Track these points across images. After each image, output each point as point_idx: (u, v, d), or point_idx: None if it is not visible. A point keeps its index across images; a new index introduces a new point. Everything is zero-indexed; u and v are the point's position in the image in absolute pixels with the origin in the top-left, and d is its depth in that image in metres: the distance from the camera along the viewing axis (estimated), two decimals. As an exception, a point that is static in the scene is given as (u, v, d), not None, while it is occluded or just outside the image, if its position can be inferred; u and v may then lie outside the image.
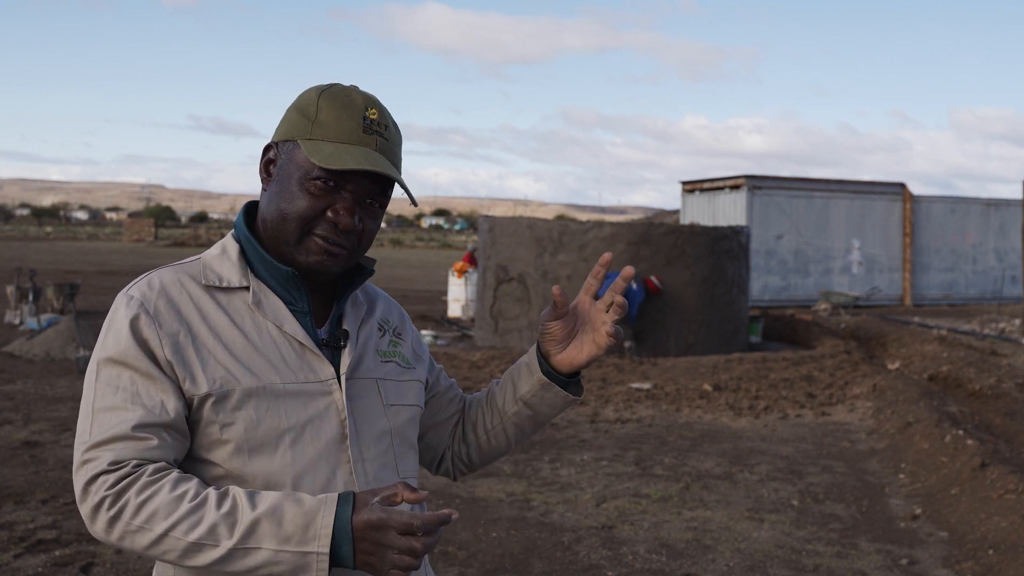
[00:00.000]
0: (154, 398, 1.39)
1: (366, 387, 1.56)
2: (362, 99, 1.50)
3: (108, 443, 1.36)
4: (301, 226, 1.48)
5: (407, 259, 45.63)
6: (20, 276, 15.46)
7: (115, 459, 1.35)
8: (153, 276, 1.49)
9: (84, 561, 4.64)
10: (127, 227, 65.33)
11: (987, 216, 24.34)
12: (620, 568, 4.83)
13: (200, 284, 1.49)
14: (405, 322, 1.74)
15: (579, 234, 12.92)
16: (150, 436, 1.37)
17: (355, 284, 1.60)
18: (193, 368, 1.42)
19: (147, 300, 1.44)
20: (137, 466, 1.35)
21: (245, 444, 1.43)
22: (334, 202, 1.48)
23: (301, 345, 1.50)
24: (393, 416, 1.58)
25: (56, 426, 7.59)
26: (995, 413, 9.00)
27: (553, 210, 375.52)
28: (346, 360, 1.54)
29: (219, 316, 1.48)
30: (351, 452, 1.50)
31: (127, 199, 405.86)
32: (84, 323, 12.23)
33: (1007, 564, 4.72)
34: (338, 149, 1.45)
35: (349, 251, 1.51)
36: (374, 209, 1.52)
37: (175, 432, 1.41)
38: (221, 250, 1.55)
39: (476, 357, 11.32)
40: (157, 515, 1.32)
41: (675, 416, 8.81)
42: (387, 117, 1.52)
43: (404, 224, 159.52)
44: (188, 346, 1.43)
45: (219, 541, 1.31)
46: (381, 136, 1.49)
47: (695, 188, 23.61)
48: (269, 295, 1.52)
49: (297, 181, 1.48)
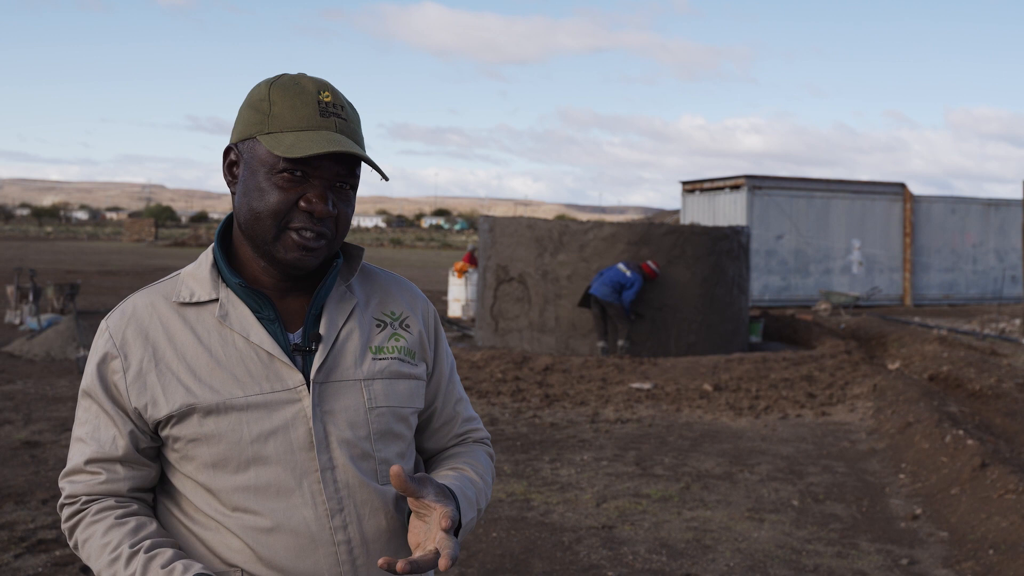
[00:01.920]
0: (108, 433, 1.49)
1: (344, 390, 1.52)
2: (313, 84, 1.48)
3: (69, 475, 1.51)
4: (276, 222, 1.46)
5: (407, 259, 45.63)
6: (20, 276, 15.46)
7: (71, 492, 1.50)
8: (128, 303, 1.54)
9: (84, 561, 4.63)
10: (127, 227, 65.33)
11: (987, 216, 24.33)
12: (620, 568, 4.83)
13: (172, 303, 1.52)
14: (415, 312, 1.65)
15: (579, 234, 12.92)
16: (99, 471, 1.49)
17: (336, 276, 1.56)
18: (155, 392, 1.47)
19: (116, 332, 1.51)
20: (86, 503, 1.49)
21: (209, 460, 1.46)
22: (304, 191, 1.46)
23: (268, 354, 1.49)
24: (377, 419, 1.53)
25: (56, 426, 7.59)
26: (995, 413, 8.99)
27: (553, 210, 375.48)
28: (316, 364, 1.50)
29: (185, 335, 1.50)
30: (319, 460, 1.47)
31: (127, 199, 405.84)
32: (84, 323, 12.23)
33: (1007, 564, 4.72)
34: (299, 138, 1.43)
35: (328, 240, 1.49)
36: (345, 192, 1.50)
37: (128, 464, 1.49)
38: (198, 263, 1.57)
39: (476, 357, 11.32)
40: (92, 556, 1.46)
41: (675, 416, 8.81)
42: (341, 98, 1.50)
43: (404, 224, 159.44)
44: (151, 371, 1.48)
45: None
46: (339, 117, 1.47)
47: (695, 188, 23.60)
48: (237, 305, 1.51)
49: (264, 177, 1.46)
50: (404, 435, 1.59)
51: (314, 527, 1.46)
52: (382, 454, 1.53)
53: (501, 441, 7.57)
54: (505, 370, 10.60)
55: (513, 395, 9.44)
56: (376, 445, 1.53)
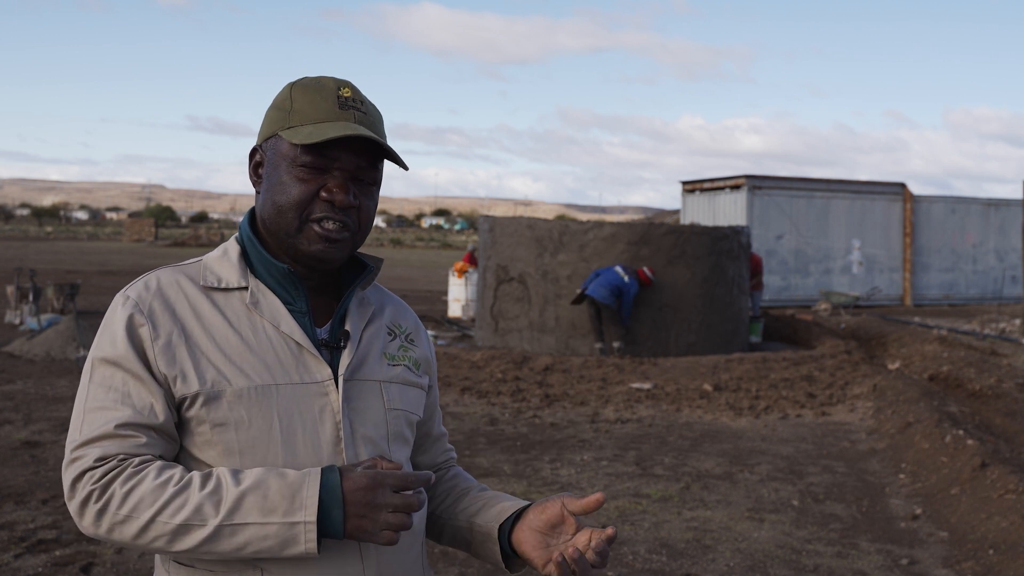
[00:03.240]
0: (144, 400, 1.40)
1: (367, 389, 1.52)
2: (333, 82, 1.50)
3: (95, 441, 1.37)
4: (298, 214, 1.46)
5: (407, 259, 45.61)
6: (20, 276, 15.46)
7: (102, 455, 1.35)
8: (151, 277, 1.49)
9: (84, 561, 4.63)
10: (127, 227, 65.36)
11: (987, 216, 24.34)
12: (620, 568, 4.83)
13: (198, 285, 1.49)
14: (419, 331, 1.69)
15: (579, 234, 12.92)
16: (137, 434, 1.38)
17: (360, 281, 1.57)
18: (185, 367, 1.41)
19: (142, 301, 1.44)
20: (123, 460, 1.36)
21: (236, 445, 1.42)
22: (325, 182, 1.46)
23: (298, 345, 1.48)
24: (394, 420, 1.54)
25: (56, 426, 7.59)
26: (995, 413, 8.99)
27: (553, 210, 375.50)
28: (345, 361, 1.50)
29: (214, 317, 1.47)
30: (346, 455, 1.46)
31: (127, 199, 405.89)
32: (84, 323, 12.23)
33: (1007, 564, 4.71)
34: (317, 128, 1.44)
35: (351, 232, 1.49)
36: (367, 186, 1.50)
37: (163, 434, 1.41)
38: (223, 252, 1.55)
39: (476, 357, 11.31)
40: (143, 502, 1.32)
41: (675, 416, 8.81)
42: (361, 95, 1.51)
43: (404, 224, 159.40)
44: (181, 346, 1.42)
45: (205, 520, 1.31)
46: (358, 110, 1.48)
47: (695, 188, 23.60)
48: (267, 295, 1.50)
49: (285, 171, 1.47)
50: (410, 440, 1.60)
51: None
52: (396, 455, 1.54)
53: (501, 441, 7.56)
54: (505, 370, 10.60)
55: (513, 395, 9.44)
56: (391, 446, 1.53)
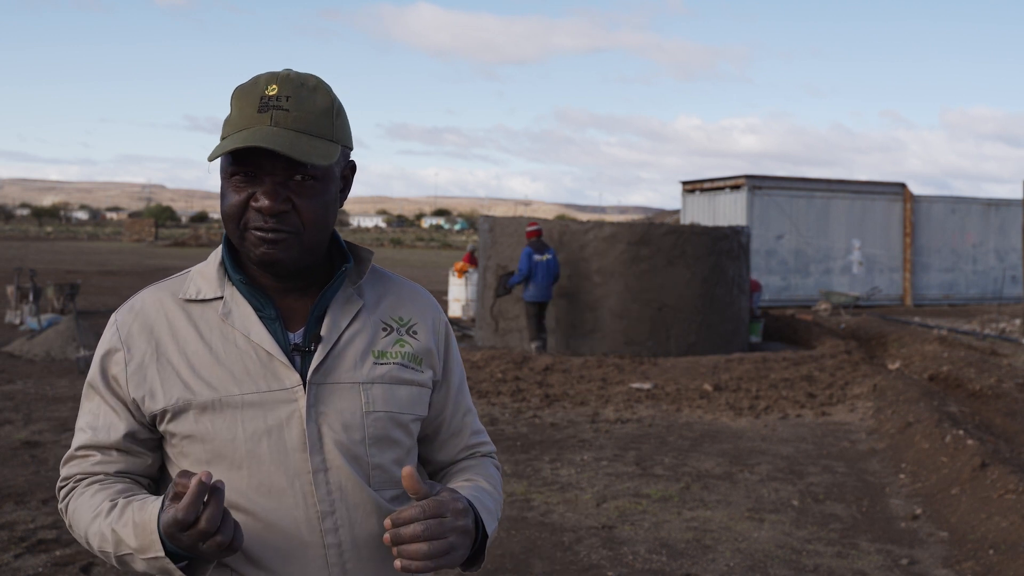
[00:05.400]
0: (105, 421, 1.52)
1: (342, 392, 1.50)
2: (266, 79, 1.46)
3: (66, 462, 1.55)
4: (237, 223, 1.47)
5: (407, 259, 45.62)
6: (20, 276, 15.46)
7: (66, 475, 1.55)
8: (137, 298, 1.57)
9: (84, 561, 4.64)
10: (127, 227, 65.35)
11: (987, 216, 24.33)
12: (620, 568, 4.83)
13: (178, 300, 1.54)
14: (426, 320, 1.63)
15: (579, 234, 12.92)
16: (92, 453, 1.52)
17: (336, 281, 1.55)
18: (154, 386, 1.49)
19: (123, 325, 1.54)
20: (79, 479, 1.53)
21: (203, 456, 1.47)
22: (255, 190, 1.45)
23: (267, 353, 1.48)
24: (373, 423, 1.51)
25: (56, 426, 7.59)
26: (995, 413, 8.99)
27: (553, 210, 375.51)
28: (314, 364, 1.49)
29: (188, 331, 1.51)
30: (312, 461, 1.46)
31: (127, 199, 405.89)
32: (84, 323, 12.23)
33: (1007, 564, 4.72)
34: (231, 139, 1.42)
35: (290, 234, 1.45)
36: (304, 184, 1.45)
37: (124, 451, 1.52)
38: (208, 261, 1.59)
39: (476, 357, 11.31)
40: (79, 523, 1.48)
41: (675, 416, 8.81)
42: (291, 87, 1.44)
43: (404, 224, 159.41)
44: (152, 365, 1.50)
45: (110, 549, 1.43)
46: (279, 109, 1.43)
47: (695, 188, 23.60)
48: (240, 304, 1.52)
49: (224, 181, 1.48)
50: (402, 442, 1.56)
51: (304, 529, 1.45)
52: (376, 459, 1.51)
53: (501, 441, 7.56)
54: (505, 370, 10.60)
55: (513, 395, 9.44)
56: (370, 450, 1.51)
